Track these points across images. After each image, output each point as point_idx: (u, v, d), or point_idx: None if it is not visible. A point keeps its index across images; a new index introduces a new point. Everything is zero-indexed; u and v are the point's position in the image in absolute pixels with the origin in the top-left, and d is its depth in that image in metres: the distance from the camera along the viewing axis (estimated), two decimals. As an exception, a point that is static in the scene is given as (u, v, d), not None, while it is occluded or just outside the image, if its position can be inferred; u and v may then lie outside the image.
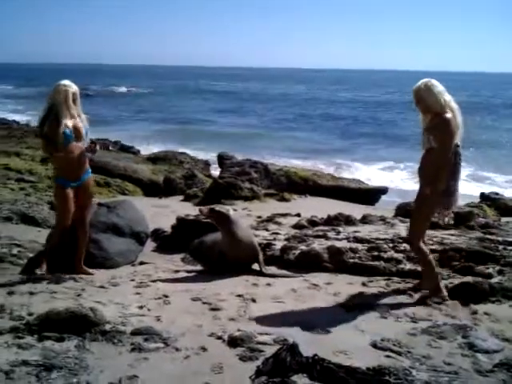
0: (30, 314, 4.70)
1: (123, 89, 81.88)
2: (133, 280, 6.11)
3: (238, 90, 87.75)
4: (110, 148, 21.39)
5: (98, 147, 6.48)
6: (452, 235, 7.21)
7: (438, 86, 5.11)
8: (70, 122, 6.02)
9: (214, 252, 6.74)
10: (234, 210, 7.42)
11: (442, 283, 5.44)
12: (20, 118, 36.73)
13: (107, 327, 4.40)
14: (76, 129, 6.09)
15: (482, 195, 13.47)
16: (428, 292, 5.32)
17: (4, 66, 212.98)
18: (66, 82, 6.13)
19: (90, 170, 6.54)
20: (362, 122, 45.89)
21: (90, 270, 6.53)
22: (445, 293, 5.27)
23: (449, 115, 5.00)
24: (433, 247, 6.61)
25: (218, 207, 6.72)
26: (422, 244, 5.33)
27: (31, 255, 7.02)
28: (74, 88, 6.11)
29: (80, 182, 6.34)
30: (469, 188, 21.38)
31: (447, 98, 5.08)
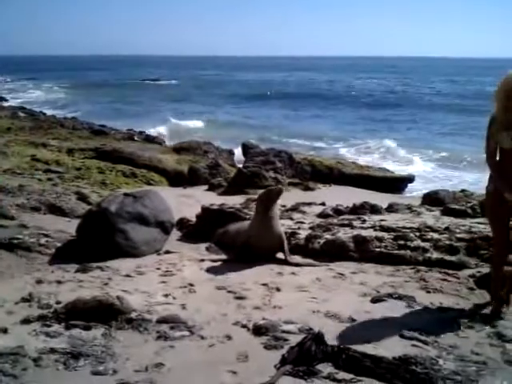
0: (58, 303, 4.77)
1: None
2: (158, 269, 6.15)
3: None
4: (135, 138, 21.57)
5: None
6: (480, 223, 7.07)
7: None
8: None
9: (238, 240, 6.75)
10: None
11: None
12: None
13: (133, 315, 4.44)
14: None
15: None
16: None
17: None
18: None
19: None
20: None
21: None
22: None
23: None
24: (460, 236, 6.51)
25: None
26: None
27: (59, 245, 7.14)
28: None
29: None
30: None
31: None
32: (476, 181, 17.67)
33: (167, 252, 7.20)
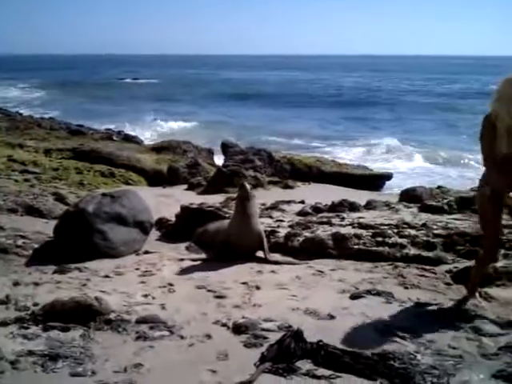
0: (36, 305, 4.72)
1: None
2: (137, 269, 6.12)
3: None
4: (114, 138, 21.40)
5: None
6: (457, 219, 7.18)
7: None
8: None
9: (218, 239, 6.75)
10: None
11: None
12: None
13: (112, 316, 4.41)
14: None
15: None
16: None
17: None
18: None
19: None
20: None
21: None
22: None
23: None
24: (437, 232, 6.60)
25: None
26: None
27: (36, 246, 7.05)
28: None
29: None
30: (474, 172, 21.40)
31: None
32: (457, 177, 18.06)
33: (146, 252, 7.17)
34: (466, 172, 20.01)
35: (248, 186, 6.73)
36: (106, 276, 5.81)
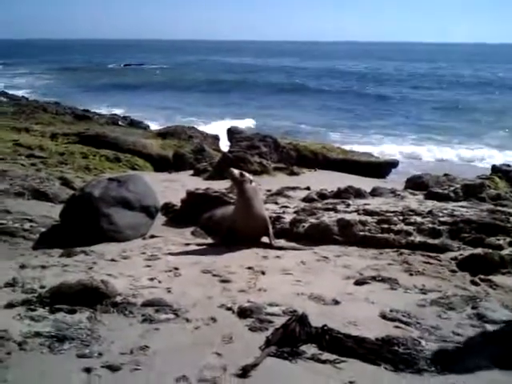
0: (42, 287, 4.76)
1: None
2: (143, 253, 6.15)
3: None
4: (120, 123, 21.40)
5: None
6: (463, 207, 7.17)
7: None
8: None
9: (223, 225, 6.77)
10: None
11: None
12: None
13: (118, 299, 4.44)
14: None
15: (494, 167, 13.34)
16: None
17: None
18: None
19: None
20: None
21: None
22: None
23: None
24: (443, 219, 6.59)
25: (245, 173, 6.76)
26: None
27: (43, 230, 7.10)
28: None
29: None
30: (480, 160, 21.38)
31: None
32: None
33: (152, 236, 7.20)
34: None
35: (234, 170, 6.71)
36: (113, 260, 5.84)
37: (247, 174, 6.73)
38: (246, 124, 29.01)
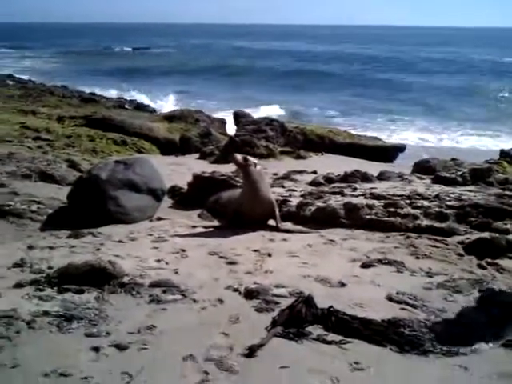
0: (50, 268, 4.79)
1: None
2: (150, 235, 6.17)
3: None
4: (126, 106, 21.38)
5: None
6: (470, 191, 7.14)
7: None
8: None
9: (230, 208, 6.78)
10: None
11: None
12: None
13: (126, 280, 4.47)
14: None
15: (502, 152, 13.27)
16: None
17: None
18: None
19: None
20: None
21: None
22: None
23: None
24: (450, 203, 6.57)
25: (250, 157, 6.75)
26: None
27: (50, 211, 7.13)
28: None
29: None
30: (489, 144, 21.27)
31: None
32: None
33: (159, 219, 7.23)
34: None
35: (238, 155, 6.69)
36: (120, 241, 5.87)
37: (251, 158, 6.72)
38: (275, 111, 28.29)
